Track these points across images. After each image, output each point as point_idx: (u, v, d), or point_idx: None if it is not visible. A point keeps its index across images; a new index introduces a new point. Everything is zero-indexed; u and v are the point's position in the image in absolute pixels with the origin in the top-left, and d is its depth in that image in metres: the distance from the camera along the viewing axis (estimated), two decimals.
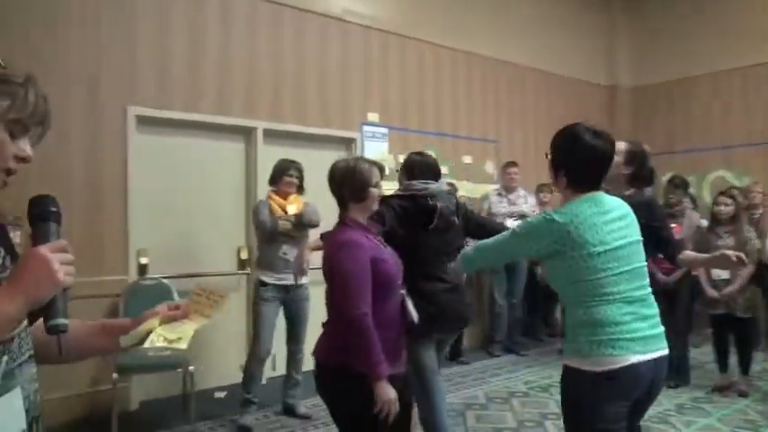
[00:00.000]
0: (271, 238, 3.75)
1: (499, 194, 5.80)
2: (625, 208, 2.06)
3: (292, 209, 3.83)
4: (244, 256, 4.72)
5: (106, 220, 4.07)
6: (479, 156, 6.31)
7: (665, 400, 4.21)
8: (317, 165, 4.67)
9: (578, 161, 2.00)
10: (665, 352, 1.98)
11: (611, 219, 1.96)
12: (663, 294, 4.42)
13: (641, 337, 1.90)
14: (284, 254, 3.76)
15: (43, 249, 1.01)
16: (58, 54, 3.85)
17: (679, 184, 4.54)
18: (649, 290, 2.01)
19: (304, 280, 3.83)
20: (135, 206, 4.16)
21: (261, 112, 4.79)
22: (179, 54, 4.37)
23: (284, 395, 3.94)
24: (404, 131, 5.72)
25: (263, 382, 4.62)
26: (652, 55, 7.62)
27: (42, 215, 1.11)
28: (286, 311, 3.91)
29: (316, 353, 2.31)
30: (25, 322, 1.13)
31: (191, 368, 3.72)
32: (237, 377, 4.06)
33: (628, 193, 2.77)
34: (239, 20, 4.67)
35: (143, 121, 4.22)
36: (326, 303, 2.32)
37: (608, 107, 7.77)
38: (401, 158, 5.57)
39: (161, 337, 1.27)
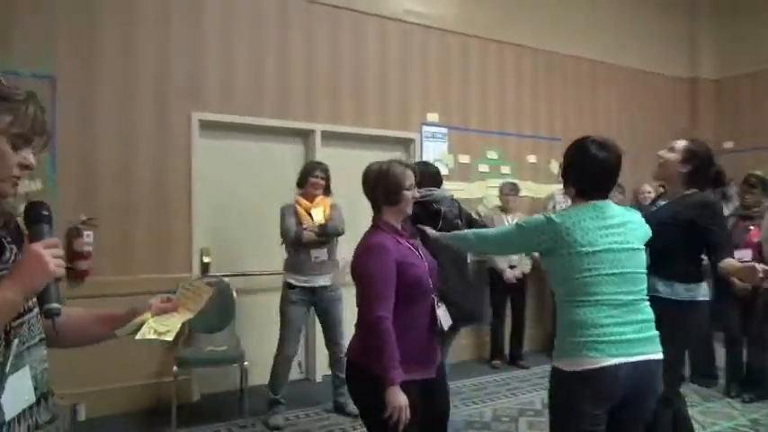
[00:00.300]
0: (295, 245, 3.83)
1: (565, 194, 5.59)
2: (629, 216, 2.11)
3: (318, 212, 3.89)
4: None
5: (172, 220, 4.28)
6: (544, 155, 6.13)
7: (740, 415, 3.93)
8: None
9: (585, 173, 2.12)
10: (651, 357, 1.99)
11: (608, 224, 2.04)
12: (740, 301, 4.18)
13: (621, 340, 1.94)
14: (316, 258, 3.84)
15: (36, 246, 1.16)
16: (128, 65, 4.10)
17: (755, 184, 4.21)
18: (644, 295, 2.05)
19: (328, 281, 3.90)
20: (198, 207, 4.36)
21: (319, 115, 4.89)
22: (241, 61, 4.53)
23: (334, 394, 4.01)
24: (464, 131, 5.66)
25: (320, 380, 4.77)
26: (737, 43, 7.11)
27: (36, 218, 1.23)
28: (317, 313, 3.99)
29: (347, 353, 2.37)
30: (36, 309, 1.26)
31: (245, 364, 3.87)
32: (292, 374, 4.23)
33: (686, 192, 2.63)
34: (297, 25, 4.78)
35: (206, 126, 4.42)
36: (357, 305, 2.33)
37: (688, 101, 7.33)
38: (461, 159, 5.59)
39: (152, 329, 1.36)
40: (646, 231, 2.15)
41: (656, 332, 2.03)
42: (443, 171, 5.38)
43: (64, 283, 3.21)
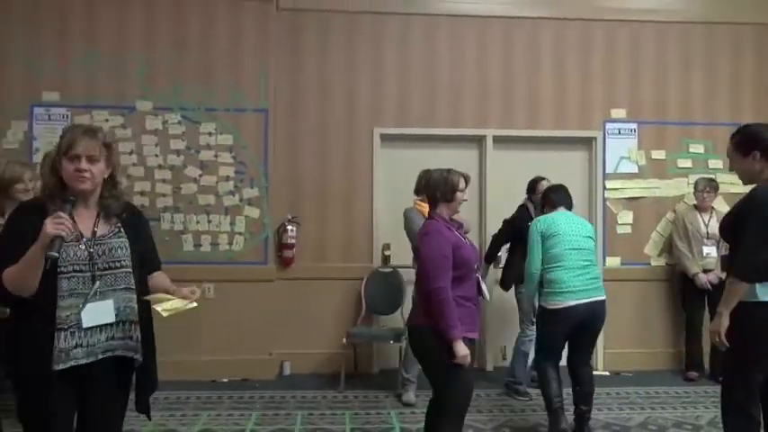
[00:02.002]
0: None
1: None
2: (578, 218, 3.73)
3: None
4: None
5: (357, 219, 5.12)
6: None
7: None
8: (551, 167, 4.89)
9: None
10: (598, 298, 3.49)
11: (569, 221, 3.59)
12: None
13: (577, 290, 3.42)
14: None
15: (47, 220, 1.82)
16: (323, 94, 5.09)
17: None
18: (592, 262, 3.56)
19: None
20: (379, 208, 5.11)
21: (491, 120, 5.21)
22: (416, 79, 5.15)
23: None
24: (659, 125, 5.28)
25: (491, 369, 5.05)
26: None
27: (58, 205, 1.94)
28: None
29: (409, 320, 2.92)
30: (124, 269, 2.04)
31: (401, 344, 4.46)
32: None
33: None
34: (470, 39, 5.19)
35: (386, 138, 5.16)
36: (416, 280, 2.88)
37: None
38: (655, 155, 5.23)
39: (166, 311, 2.04)
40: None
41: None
42: (633, 169, 5.22)
43: (275, 267, 4.33)
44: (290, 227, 4.98)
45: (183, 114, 4.84)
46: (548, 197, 3.79)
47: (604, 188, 5.27)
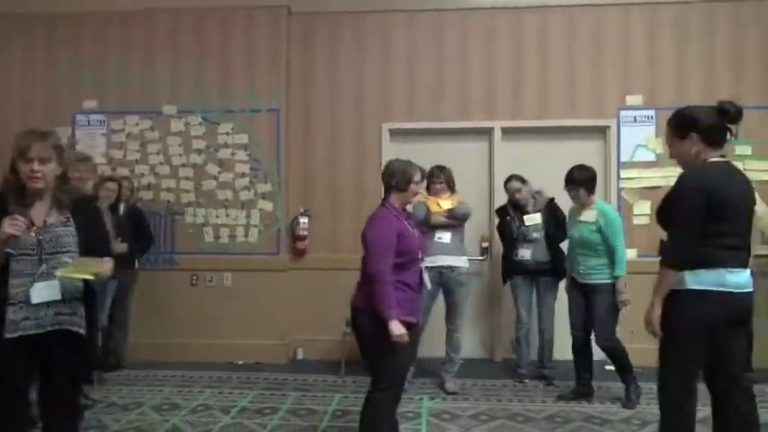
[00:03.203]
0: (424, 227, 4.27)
1: None
2: None
3: (446, 203, 4.34)
4: (485, 244, 5.25)
5: (367, 211, 5.10)
6: None
7: None
8: (563, 157, 4.86)
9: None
10: None
11: None
12: None
13: None
14: (439, 238, 4.25)
15: (5, 221, 2.18)
16: (334, 93, 5.32)
17: None
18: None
19: (460, 263, 4.25)
20: None
21: (499, 113, 5.21)
22: (424, 73, 5.26)
23: (441, 369, 4.42)
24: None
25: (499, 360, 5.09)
26: None
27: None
28: (444, 293, 4.35)
29: (352, 301, 3.01)
30: (68, 253, 2.36)
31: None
32: (473, 351, 5.03)
33: None
34: (477, 31, 5.22)
35: (395, 133, 5.30)
36: (361, 264, 3.01)
37: None
38: None
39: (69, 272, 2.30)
40: None
41: None
42: (650, 157, 5.05)
43: (288, 257, 4.65)
44: (302, 219, 5.25)
45: (204, 116, 5.24)
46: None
47: (619, 178, 5.12)
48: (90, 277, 2.35)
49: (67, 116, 5.30)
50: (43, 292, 2.32)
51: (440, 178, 4.42)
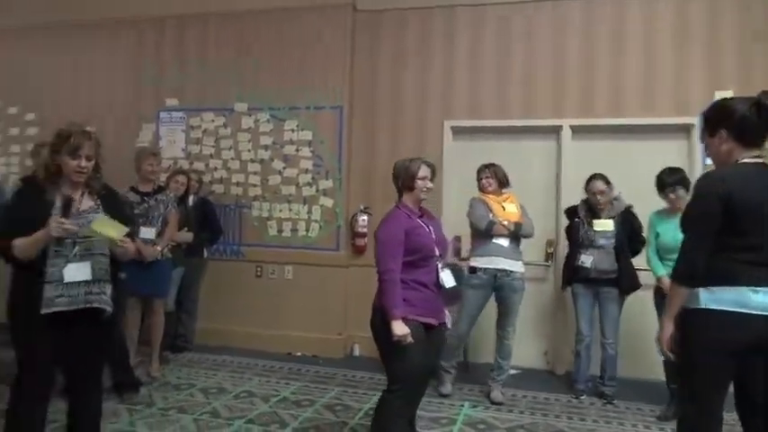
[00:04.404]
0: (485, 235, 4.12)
1: None
2: None
3: (511, 207, 4.13)
4: (550, 249, 4.98)
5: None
6: None
7: None
8: (640, 157, 4.54)
9: None
10: None
11: None
12: None
13: None
14: (496, 240, 4.07)
15: (52, 222, 2.40)
16: (396, 91, 5.29)
17: None
18: None
19: (517, 267, 4.04)
20: (451, 201, 5.14)
21: (568, 110, 4.91)
22: (488, 70, 5.08)
23: (489, 377, 4.22)
24: None
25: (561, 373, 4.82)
26: None
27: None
28: (496, 298, 4.14)
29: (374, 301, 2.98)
30: (99, 237, 2.54)
31: None
32: (534, 362, 4.81)
33: None
34: (545, 24, 4.96)
35: (457, 131, 5.17)
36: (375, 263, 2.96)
37: None
38: None
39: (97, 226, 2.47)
40: None
41: None
42: None
43: (348, 253, 4.82)
44: (361, 217, 5.27)
45: (272, 113, 5.42)
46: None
47: None
48: (111, 236, 2.51)
49: (152, 113, 5.70)
50: (76, 271, 2.50)
51: (485, 173, 4.25)
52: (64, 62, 5.96)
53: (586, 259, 4.20)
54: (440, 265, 2.90)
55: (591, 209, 4.26)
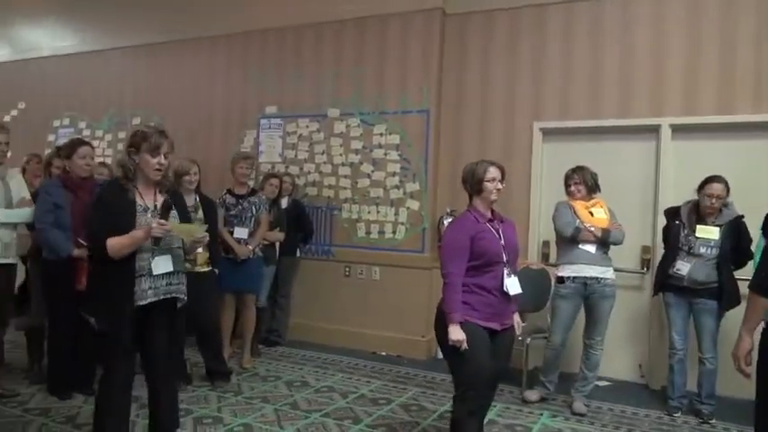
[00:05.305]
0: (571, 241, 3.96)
1: None
2: None
3: (600, 213, 3.95)
4: (647, 256, 4.69)
5: (513, 215, 5.06)
6: None
7: None
8: (752, 158, 4.22)
9: None
10: None
11: None
12: None
13: None
14: (583, 246, 3.90)
15: (153, 224, 2.65)
16: (484, 94, 5.24)
17: None
18: None
19: (607, 274, 3.85)
20: (540, 205, 5.02)
21: (669, 108, 4.60)
22: (580, 69, 4.89)
23: (573, 388, 4.03)
24: None
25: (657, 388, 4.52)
26: None
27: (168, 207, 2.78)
28: (585, 306, 3.96)
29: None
30: (178, 234, 2.79)
31: (528, 342, 4.35)
32: (629, 374, 4.67)
33: None
34: (642, 19, 4.68)
35: (547, 132, 5.02)
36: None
37: None
38: None
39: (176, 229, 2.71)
40: None
41: None
42: None
43: (433, 256, 4.92)
44: (447, 219, 5.26)
45: (362, 118, 5.57)
46: None
47: None
48: (192, 231, 2.80)
49: (254, 120, 6.08)
50: (161, 264, 2.74)
51: (573, 179, 4.08)
52: (183, 74, 6.51)
53: (683, 267, 3.91)
54: (506, 271, 2.83)
55: (697, 212, 3.96)
